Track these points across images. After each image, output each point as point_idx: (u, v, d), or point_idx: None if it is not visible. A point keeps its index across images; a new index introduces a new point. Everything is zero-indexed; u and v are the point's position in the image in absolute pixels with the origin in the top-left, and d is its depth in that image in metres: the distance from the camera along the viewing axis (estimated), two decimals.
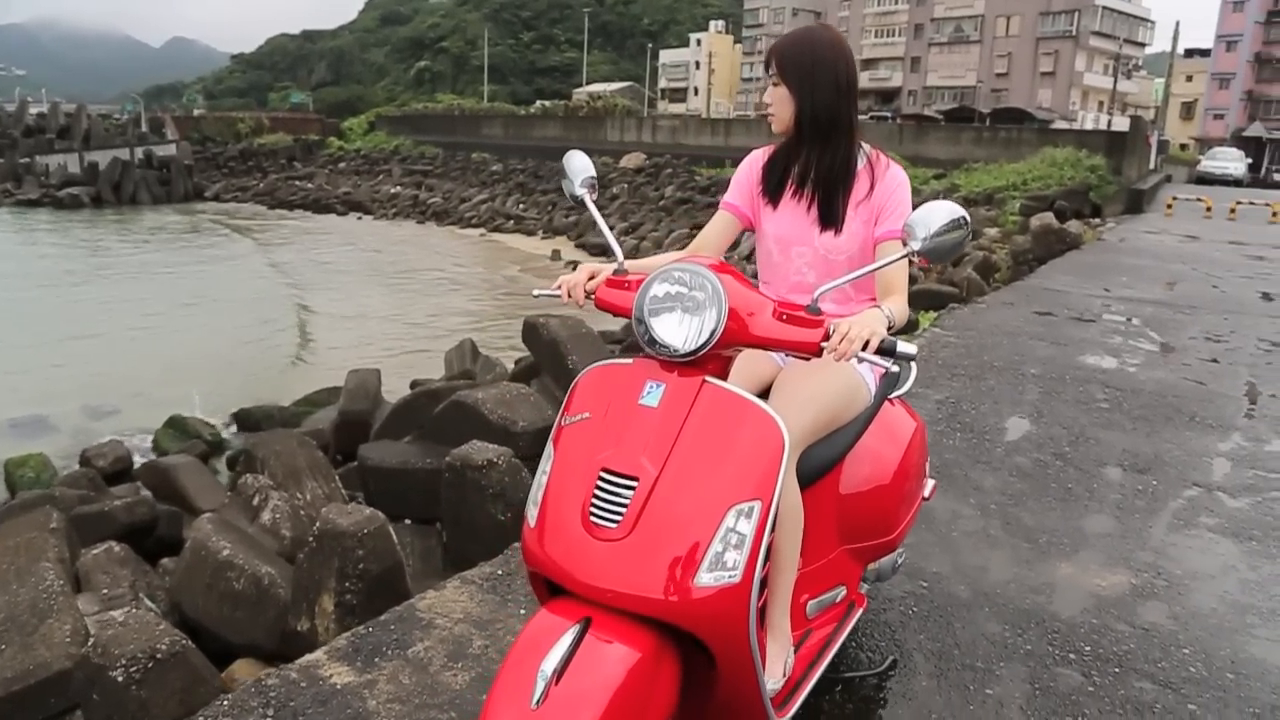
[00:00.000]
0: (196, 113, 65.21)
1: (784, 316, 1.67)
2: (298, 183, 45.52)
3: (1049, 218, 14.89)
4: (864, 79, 68.74)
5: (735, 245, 2.29)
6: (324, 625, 4.05)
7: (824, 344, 1.64)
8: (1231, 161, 39.09)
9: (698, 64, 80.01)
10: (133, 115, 56.27)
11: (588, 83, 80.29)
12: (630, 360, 1.72)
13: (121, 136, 48.15)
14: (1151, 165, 28.10)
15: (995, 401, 5.24)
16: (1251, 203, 22.90)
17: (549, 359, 7.34)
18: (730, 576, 1.52)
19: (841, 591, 2.23)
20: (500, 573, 3.04)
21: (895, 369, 1.67)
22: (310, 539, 4.15)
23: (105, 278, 22.31)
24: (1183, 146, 51.86)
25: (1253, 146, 54.21)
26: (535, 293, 1.99)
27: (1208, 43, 64.99)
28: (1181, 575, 3.30)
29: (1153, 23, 64.04)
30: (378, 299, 20.22)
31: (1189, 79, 61.40)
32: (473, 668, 2.46)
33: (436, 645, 2.56)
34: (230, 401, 11.36)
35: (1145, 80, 67.05)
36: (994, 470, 4.20)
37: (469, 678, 2.41)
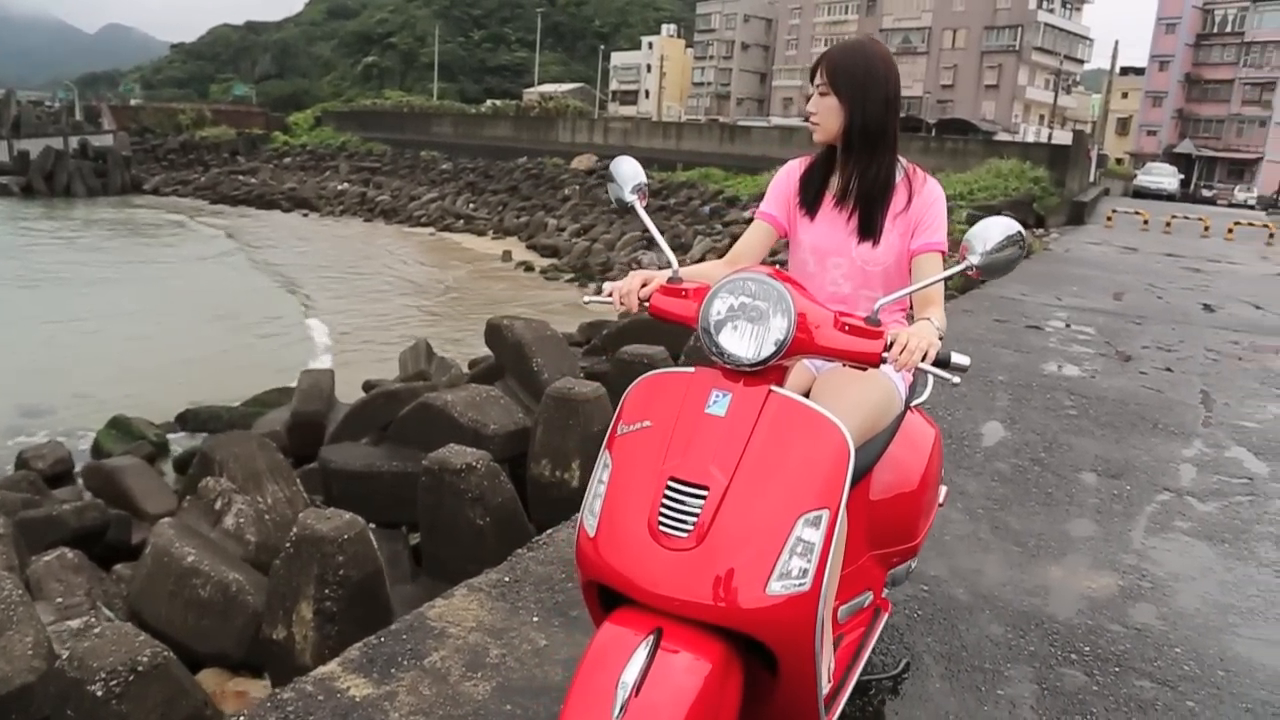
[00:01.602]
0: (134, 103, 63.45)
1: (846, 327, 1.69)
2: (241, 177, 44.52)
3: None
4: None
5: (773, 253, 2.30)
6: (303, 633, 3.96)
7: (885, 354, 1.67)
8: (1165, 176, 40.55)
9: (649, 67, 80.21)
10: (66, 103, 54.47)
11: (539, 83, 79.92)
12: (691, 369, 1.72)
13: (54, 125, 46.53)
14: (1091, 178, 28.97)
15: (969, 408, 5.35)
16: (1186, 217, 23.76)
17: (513, 361, 7.28)
18: (799, 585, 1.53)
19: (869, 597, 2.26)
20: (507, 580, 3.01)
21: (956, 380, 1.70)
22: (287, 545, 4.05)
23: (36, 272, 21.54)
24: (1119, 161, 53.57)
25: (1183, 162, 56.26)
26: (585, 300, 1.98)
27: (1142, 61, 67.36)
28: (1164, 577, 3.41)
29: (1091, 40, 66.05)
30: (326, 298, 19.88)
31: (1125, 96, 63.42)
32: (493, 677, 2.44)
33: (452, 655, 2.53)
34: (174, 402, 11.04)
35: (1083, 95, 69.12)
36: (976, 475, 4.29)
37: (490, 687, 2.39)
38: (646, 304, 1.85)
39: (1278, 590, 3.38)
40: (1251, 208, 42.02)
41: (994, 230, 1.73)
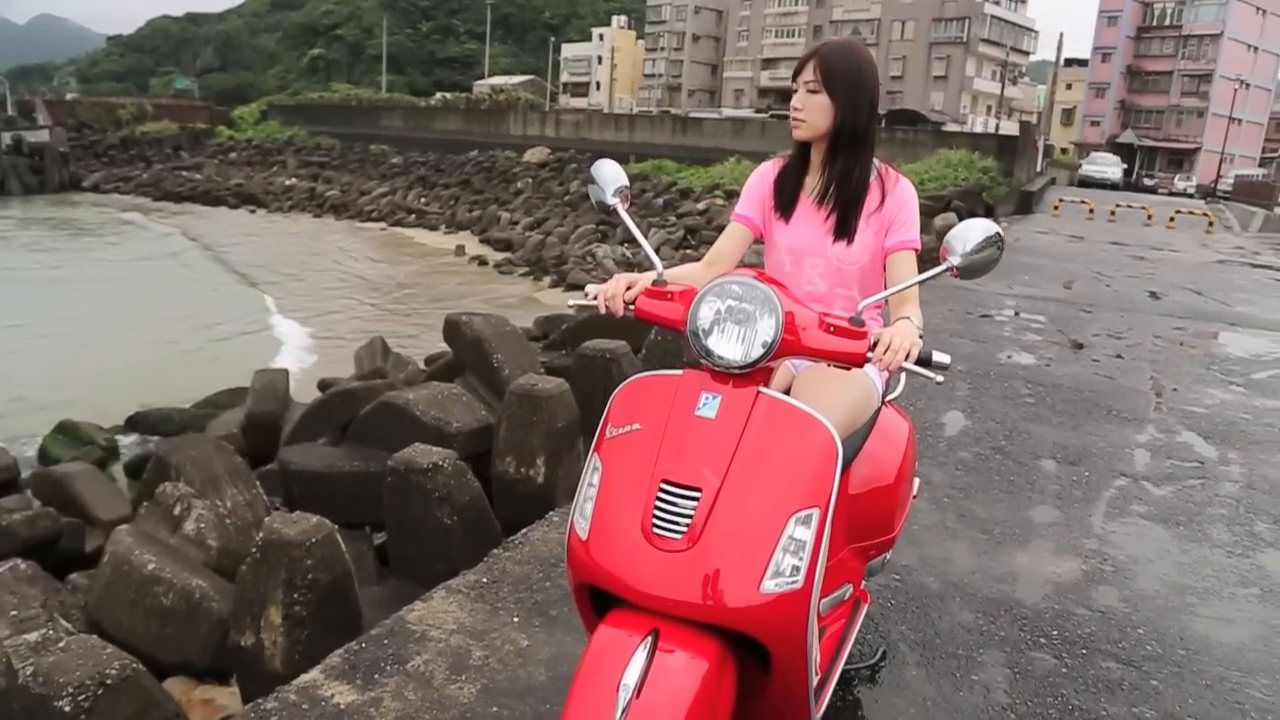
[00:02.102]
0: (70, 97, 61.75)
1: (831, 328, 1.72)
2: (185, 173, 43.58)
3: (952, 218, 15.53)
4: (764, 78, 70.12)
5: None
6: (272, 639, 3.92)
7: (869, 354, 1.70)
8: (1109, 166, 41.53)
9: (600, 59, 79.97)
10: None
11: (489, 75, 79.24)
12: (678, 372, 1.74)
13: None
14: (1039, 168, 29.57)
15: (930, 398, 5.45)
16: (1129, 206, 24.37)
17: (473, 357, 7.25)
18: (792, 583, 1.56)
19: (849, 589, 2.30)
20: (485, 580, 3.01)
21: (939, 379, 1.74)
22: (254, 550, 4.00)
23: None
24: (1064, 151, 54.69)
25: (1125, 152, 57.64)
26: (570, 303, 1.99)
27: (1085, 53, 68.79)
28: (1124, 560, 3.51)
29: (1036, 32, 67.37)
30: (278, 296, 19.55)
31: (1069, 87, 64.72)
32: (477, 679, 2.44)
33: (435, 658, 2.52)
34: (123, 404, 10.79)
35: (1029, 86, 70.39)
36: (940, 465, 4.38)
37: (475, 690, 2.39)
38: (631, 307, 1.86)
39: (1230, 570, 3.50)
40: (1191, 196, 43.20)
41: (973, 232, 1.77)
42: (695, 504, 1.58)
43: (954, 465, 4.38)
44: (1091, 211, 22.33)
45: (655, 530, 1.58)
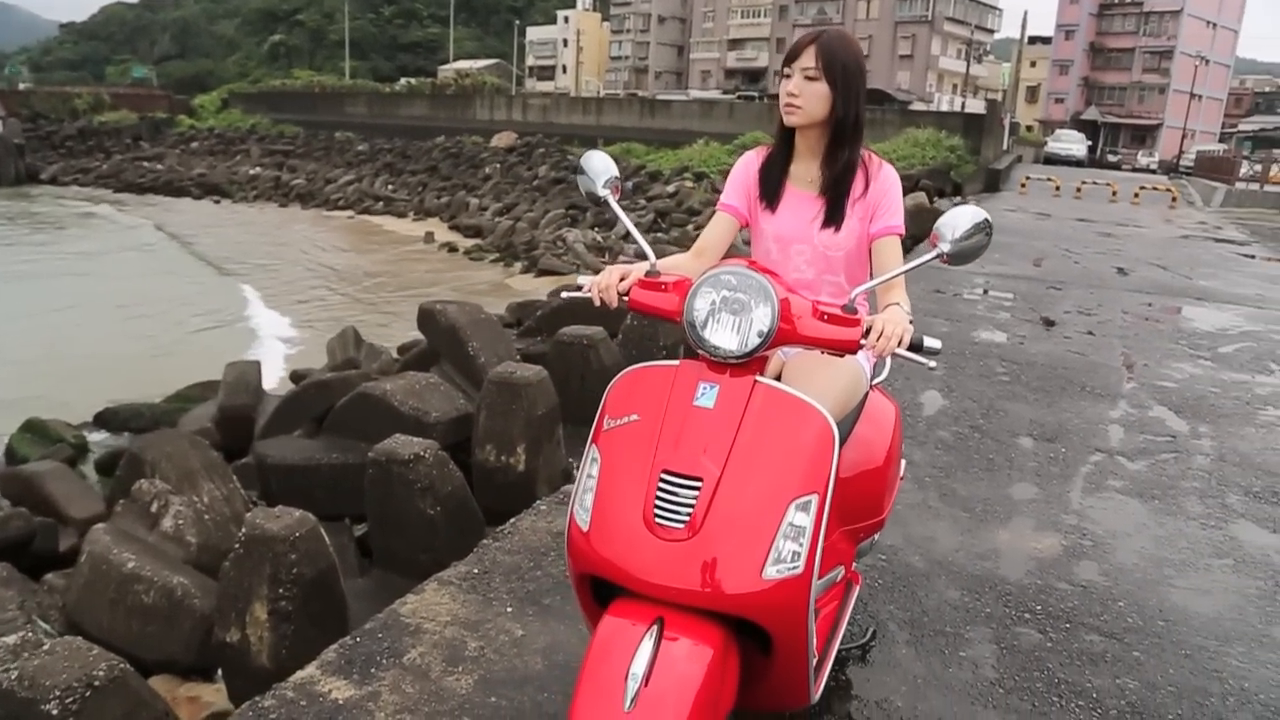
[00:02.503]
0: (23, 86, 60.21)
1: (825, 316, 1.74)
2: (146, 164, 42.73)
3: (921, 198, 15.65)
4: (731, 59, 69.96)
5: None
6: (258, 634, 3.90)
7: (863, 341, 1.72)
8: (1074, 143, 41.98)
9: (565, 41, 79.37)
10: None
11: (453, 59, 78.39)
12: (675, 362, 1.75)
13: None
14: (1005, 146, 29.82)
15: (907, 377, 5.50)
16: (1095, 182, 24.67)
17: (448, 346, 7.21)
18: (793, 569, 1.59)
19: (840, 571, 2.33)
20: (476, 571, 3.01)
21: (932, 364, 1.76)
22: (237, 546, 3.97)
23: None
24: (1029, 128, 55.20)
25: (1090, 129, 58.22)
26: (563, 295, 1.98)
27: (1049, 30, 69.31)
28: (1103, 535, 3.58)
29: (1000, 10, 67.78)
30: (246, 288, 19.30)
31: (1033, 64, 65.19)
32: (474, 670, 2.44)
33: (431, 650, 2.52)
34: (91, 400, 10.60)
35: (994, 64, 70.80)
36: (920, 444, 4.43)
37: (472, 681, 2.40)
38: (625, 298, 1.86)
39: (1204, 542, 3.58)
40: (1154, 172, 43.80)
41: (962, 219, 1.79)
42: (696, 493, 1.60)
43: (934, 444, 4.44)
44: (1058, 189, 22.57)
45: (657, 520, 1.60)
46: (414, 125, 43.39)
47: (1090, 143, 48.82)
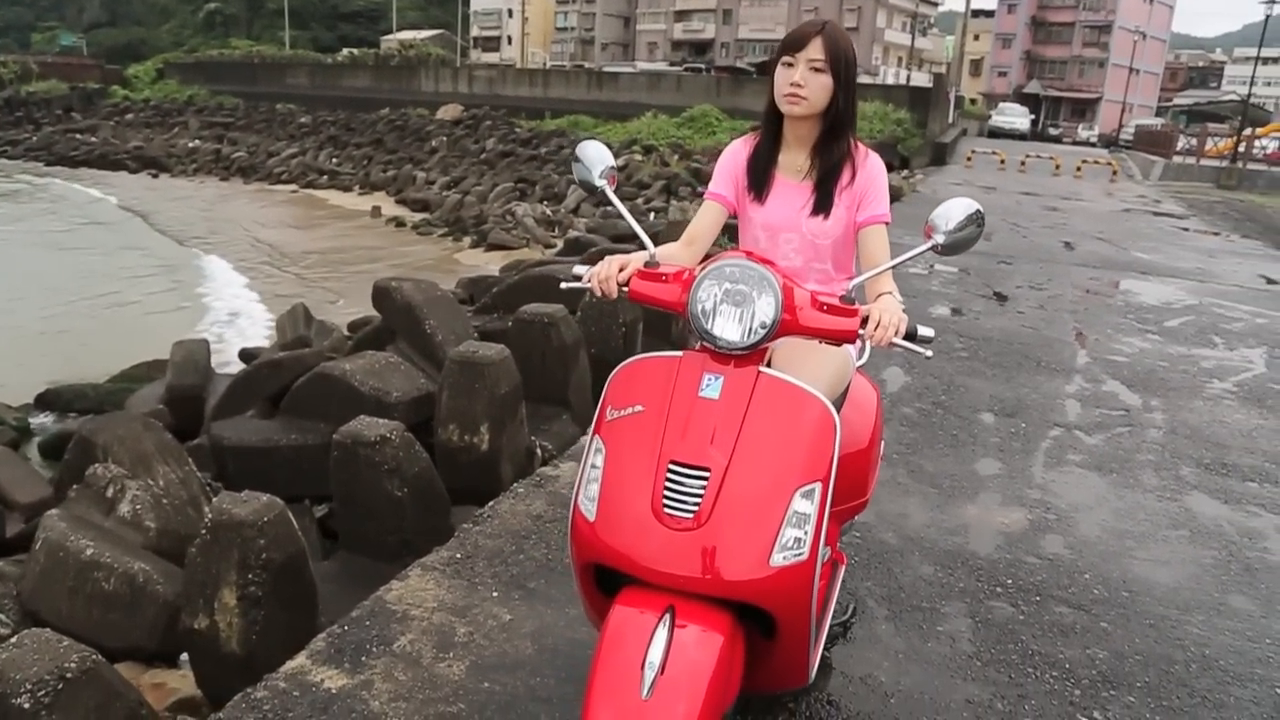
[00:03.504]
0: None
1: (824, 306, 1.76)
2: (79, 136, 41.19)
3: None
4: (678, 30, 69.45)
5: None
6: (227, 620, 3.85)
7: (861, 331, 1.75)
8: (1018, 117, 42.72)
9: (510, 12, 78.10)
10: None
11: (396, 29, 76.68)
12: (677, 354, 1.76)
13: None
14: (950, 119, 30.20)
15: (870, 353, 5.58)
16: (1038, 156, 25.12)
17: (404, 324, 7.11)
18: (798, 555, 1.62)
19: (827, 552, 2.38)
20: (459, 556, 3.01)
21: (928, 354, 1.80)
22: (203, 531, 3.91)
23: None
24: (973, 101, 55.93)
25: (1032, 102, 59.20)
26: (562, 285, 1.98)
27: (992, 4, 70.04)
28: (1066, 508, 3.70)
29: None
30: (190, 263, 18.80)
31: (976, 38, 66.00)
32: (465, 656, 2.45)
33: (420, 637, 2.53)
34: (31, 380, 10.26)
35: (938, 38, 71.50)
36: (887, 421, 4.47)
37: (464, 667, 2.40)
38: (625, 288, 1.86)
39: (1162, 514, 3.72)
40: (1094, 145, 44.76)
41: (956, 210, 1.82)
42: (704, 483, 1.61)
43: (899, 421, 4.53)
44: (1003, 162, 22.99)
45: (666, 510, 1.62)
46: (358, 97, 42.52)
47: (1033, 116, 49.69)
